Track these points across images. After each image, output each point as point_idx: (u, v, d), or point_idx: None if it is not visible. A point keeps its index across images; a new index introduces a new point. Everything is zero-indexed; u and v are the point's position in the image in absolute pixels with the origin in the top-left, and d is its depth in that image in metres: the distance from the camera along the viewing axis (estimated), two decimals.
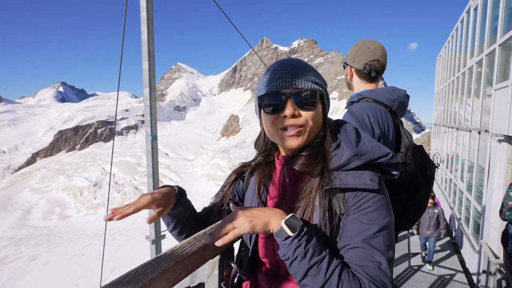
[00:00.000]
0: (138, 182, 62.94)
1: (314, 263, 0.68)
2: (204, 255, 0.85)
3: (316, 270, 0.68)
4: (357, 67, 1.65)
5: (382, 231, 0.73)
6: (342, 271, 0.68)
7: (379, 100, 1.53)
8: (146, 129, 2.93)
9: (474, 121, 7.90)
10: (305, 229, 0.71)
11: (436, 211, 6.67)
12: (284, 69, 0.82)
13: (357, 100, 1.59)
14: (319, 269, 0.68)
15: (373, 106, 1.49)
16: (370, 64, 1.62)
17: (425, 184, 1.48)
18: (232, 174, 1.08)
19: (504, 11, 5.87)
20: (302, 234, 0.70)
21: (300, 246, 0.69)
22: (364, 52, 1.62)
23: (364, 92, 1.60)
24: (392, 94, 1.54)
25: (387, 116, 1.49)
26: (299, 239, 0.69)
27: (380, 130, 1.42)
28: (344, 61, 1.77)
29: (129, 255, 31.63)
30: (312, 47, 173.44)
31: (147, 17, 2.81)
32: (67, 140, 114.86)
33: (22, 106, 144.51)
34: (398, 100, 1.54)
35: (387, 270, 0.70)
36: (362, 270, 0.70)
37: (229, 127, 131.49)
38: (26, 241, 40.97)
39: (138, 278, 0.65)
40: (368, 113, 1.43)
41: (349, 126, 0.87)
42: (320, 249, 0.70)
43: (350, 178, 0.76)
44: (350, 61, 1.68)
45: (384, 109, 1.50)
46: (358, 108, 1.48)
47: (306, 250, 0.68)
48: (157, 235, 3.00)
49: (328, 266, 0.68)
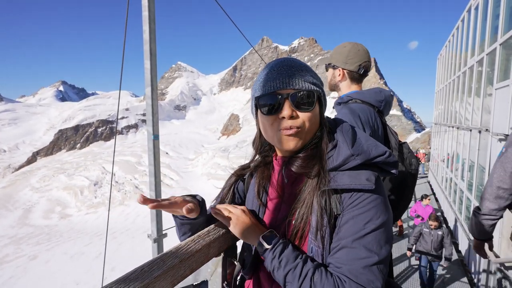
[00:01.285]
0: (138, 181, 62.93)
1: (288, 271, 0.74)
2: (208, 252, 0.86)
3: (292, 276, 0.73)
4: (351, 68, 1.72)
5: (375, 231, 0.73)
6: (315, 274, 0.71)
7: (367, 101, 1.60)
8: (148, 128, 2.93)
9: (475, 120, 7.90)
10: (280, 241, 0.78)
11: (439, 233, 5.61)
12: (281, 69, 0.82)
13: (346, 101, 1.66)
14: (294, 275, 0.73)
15: (363, 107, 1.57)
16: (363, 66, 1.72)
17: (411, 179, 1.59)
18: (231, 177, 1.09)
19: (505, 10, 5.87)
20: (276, 246, 0.77)
21: (275, 257, 0.76)
22: (356, 54, 1.71)
23: (352, 93, 1.68)
24: (379, 95, 1.63)
25: (375, 116, 1.58)
26: (273, 250, 0.77)
27: (370, 130, 1.50)
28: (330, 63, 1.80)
29: (129, 254, 31.63)
30: (312, 46, 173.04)
31: (149, 16, 2.81)
32: (68, 139, 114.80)
33: (23, 105, 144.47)
34: (385, 100, 1.64)
35: (375, 269, 0.70)
36: (347, 269, 0.71)
37: (229, 126, 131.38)
38: (26, 240, 41.00)
39: (145, 275, 0.65)
40: (360, 114, 1.50)
41: (345, 126, 0.87)
42: (295, 257, 0.75)
43: (346, 178, 0.77)
44: (342, 63, 1.74)
45: (372, 110, 1.59)
46: (349, 109, 1.53)
47: (280, 260, 0.75)
48: (159, 234, 3.01)
49: (301, 272, 0.72)
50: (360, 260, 0.70)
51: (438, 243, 5.63)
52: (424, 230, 5.74)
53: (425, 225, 5.78)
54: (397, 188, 1.57)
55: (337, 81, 1.78)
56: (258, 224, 0.89)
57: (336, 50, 1.77)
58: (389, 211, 0.79)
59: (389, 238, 0.76)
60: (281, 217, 0.89)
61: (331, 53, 1.81)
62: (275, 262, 0.76)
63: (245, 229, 0.86)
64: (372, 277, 0.69)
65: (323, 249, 0.77)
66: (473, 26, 8.74)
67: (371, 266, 0.70)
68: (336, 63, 1.75)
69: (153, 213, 3.02)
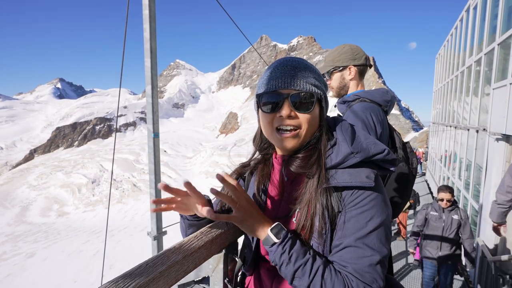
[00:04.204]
0: (136, 179, 62.85)
1: (299, 266, 0.73)
2: (210, 249, 0.87)
3: (301, 272, 0.72)
4: (360, 62, 1.73)
5: (376, 229, 0.74)
6: (325, 271, 0.72)
7: (376, 101, 1.61)
8: (148, 126, 2.93)
9: (472, 119, 7.94)
10: (289, 235, 0.77)
11: (455, 217, 3.77)
12: (284, 69, 0.82)
13: (353, 99, 1.65)
14: (304, 271, 0.72)
15: (373, 106, 1.57)
16: (367, 57, 1.76)
17: (412, 177, 1.64)
18: (232, 174, 1.07)
19: (503, 10, 5.89)
20: (286, 240, 0.75)
21: (285, 252, 0.74)
22: (358, 49, 1.75)
23: (360, 92, 1.68)
24: (387, 96, 1.65)
25: (383, 116, 1.59)
26: (283, 245, 0.75)
27: (381, 129, 1.51)
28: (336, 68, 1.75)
29: (128, 251, 31.63)
30: (311, 44, 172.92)
31: (149, 15, 2.81)
32: (65, 137, 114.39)
33: (20, 103, 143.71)
34: (391, 101, 1.66)
35: (378, 268, 0.72)
36: (352, 268, 0.72)
37: (227, 124, 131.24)
38: (24, 237, 40.88)
39: (149, 270, 0.66)
40: (371, 113, 1.51)
41: (345, 124, 0.88)
42: (304, 252, 0.75)
43: (346, 176, 0.78)
44: (350, 61, 1.74)
45: (380, 109, 1.60)
46: (360, 108, 1.54)
47: (290, 255, 0.74)
48: (158, 231, 3.02)
49: (312, 268, 0.72)
50: (365, 259, 0.72)
51: (453, 234, 3.76)
52: (431, 214, 3.90)
53: (432, 206, 3.96)
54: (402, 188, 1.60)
55: (348, 81, 1.76)
56: (264, 215, 0.84)
57: (337, 53, 1.74)
58: (388, 209, 0.80)
59: (388, 235, 0.78)
60: (281, 215, 0.89)
61: (331, 59, 1.77)
62: (285, 257, 0.74)
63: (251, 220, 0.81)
64: (376, 276, 0.71)
65: (323, 246, 0.78)
66: (471, 25, 8.76)
67: (375, 265, 0.72)
68: (343, 63, 1.73)
69: None
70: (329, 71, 1.77)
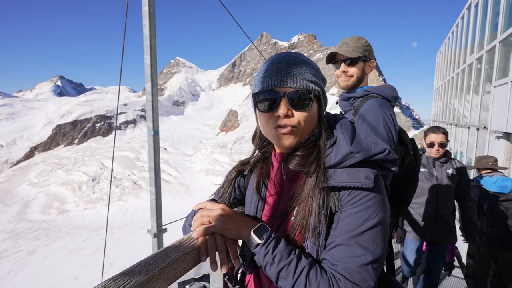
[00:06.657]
0: (136, 177, 62.92)
1: (282, 267, 0.71)
2: None
3: (285, 273, 0.71)
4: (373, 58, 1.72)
5: (371, 229, 0.73)
6: (310, 271, 0.71)
7: (386, 97, 1.59)
8: (148, 124, 2.93)
9: (473, 117, 7.93)
10: (272, 236, 0.75)
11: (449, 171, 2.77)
12: (280, 66, 0.80)
13: (361, 95, 1.62)
14: (288, 272, 0.71)
15: (386, 102, 1.56)
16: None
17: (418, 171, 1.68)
18: (232, 172, 1.07)
19: (505, 8, 5.86)
20: (269, 241, 0.74)
21: (268, 252, 0.73)
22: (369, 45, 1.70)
23: (370, 88, 1.65)
24: (395, 92, 1.62)
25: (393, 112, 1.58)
26: (266, 246, 0.74)
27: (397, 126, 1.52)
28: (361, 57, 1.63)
29: (128, 249, 31.76)
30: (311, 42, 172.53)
31: (149, 11, 2.79)
32: (66, 135, 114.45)
33: (20, 100, 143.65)
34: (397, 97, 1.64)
35: (370, 268, 0.70)
36: (342, 267, 0.71)
37: (228, 122, 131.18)
38: (25, 235, 41.03)
39: (149, 268, 0.66)
40: (389, 109, 1.51)
41: (345, 122, 0.86)
42: (288, 252, 0.73)
43: (345, 176, 0.76)
44: (372, 54, 1.70)
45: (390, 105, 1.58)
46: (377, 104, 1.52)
47: (274, 256, 0.72)
48: (158, 229, 3.02)
49: (296, 268, 0.71)
50: (356, 258, 0.70)
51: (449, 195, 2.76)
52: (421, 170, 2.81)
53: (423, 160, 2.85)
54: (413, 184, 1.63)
55: (365, 74, 1.69)
56: (246, 217, 0.84)
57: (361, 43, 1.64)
58: (387, 210, 0.78)
59: (385, 236, 0.76)
60: (280, 213, 0.89)
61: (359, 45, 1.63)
62: (268, 258, 0.73)
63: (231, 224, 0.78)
64: (366, 276, 0.70)
65: (318, 246, 0.77)
66: (473, 23, 8.73)
67: (366, 265, 0.70)
68: (370, 55, 1.66)
69: (152, 209, 3.03)
70: (357, 57, 1.62)
